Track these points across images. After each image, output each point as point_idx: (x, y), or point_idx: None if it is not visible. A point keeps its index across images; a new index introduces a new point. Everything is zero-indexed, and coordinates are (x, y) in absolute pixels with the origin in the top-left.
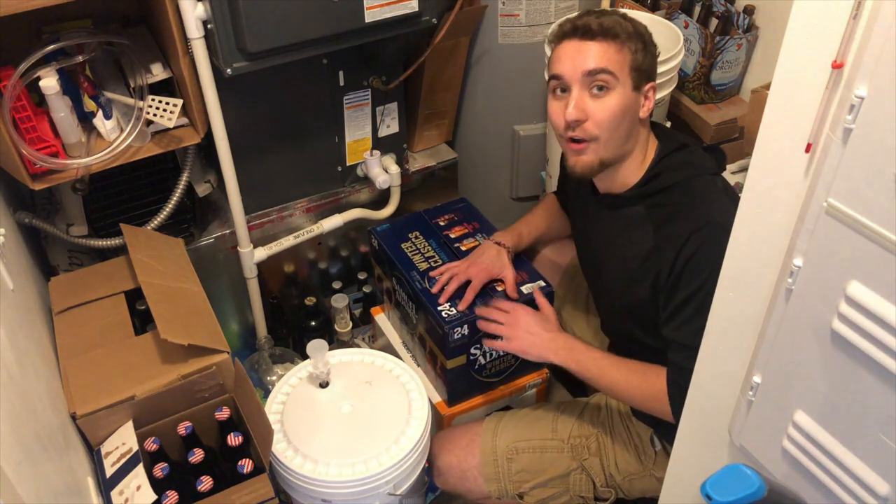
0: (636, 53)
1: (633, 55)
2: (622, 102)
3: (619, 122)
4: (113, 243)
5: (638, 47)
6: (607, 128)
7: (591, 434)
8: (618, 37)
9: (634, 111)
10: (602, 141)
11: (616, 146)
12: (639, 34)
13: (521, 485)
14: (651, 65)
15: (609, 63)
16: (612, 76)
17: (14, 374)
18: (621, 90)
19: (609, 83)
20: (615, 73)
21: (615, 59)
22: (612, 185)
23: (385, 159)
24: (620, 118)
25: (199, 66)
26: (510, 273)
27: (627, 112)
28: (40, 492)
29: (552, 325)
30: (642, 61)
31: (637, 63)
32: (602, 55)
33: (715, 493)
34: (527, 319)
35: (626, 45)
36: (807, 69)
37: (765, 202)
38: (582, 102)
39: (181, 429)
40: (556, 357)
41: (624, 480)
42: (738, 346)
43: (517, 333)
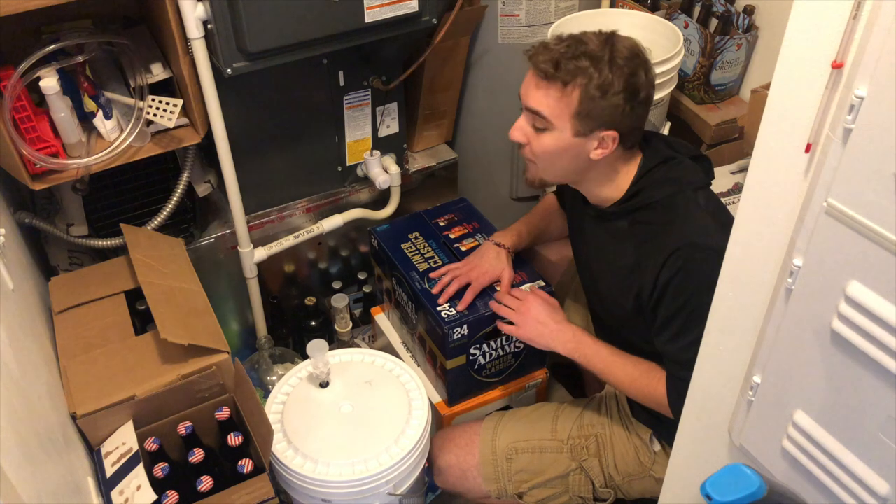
0: (587, 102)
1: (580, 103)
2: (556, 145)
3: (555, 160)
4: (113, 243)
5: (594, 94)
6: (542, 160)
7: (590, 435)
8: (567, 83)
9: (578, 154)
10: (540, 167)
11: (558, 176)
12: (602, 84)
13: (521, 485)
14: (614, 114)
15: (545, 108)
16: (545, 120)
17: (14, 374)
18: (557, 134)
19: (544, 125)
20: (549, 118)
21: (553, 105)
22: (595, 199)
23: (385, 159)
24: (555, 157)
25: (199, 66)
26: (507, 274)
27: (564, 154)
28: (40, 492)
29: (561, 317)
30: (593, 109)
31: (585, 111)
32: (541, 98)
33: (715, 493)
34: (537, 308)
35: (574, 92)
36: (807, 69)
37: (765, 202)
38: (524, 128)
39: (181, 429)
40: (563, 348)
41: (623, 481)
42: (738, 346)
43: (526, 321)
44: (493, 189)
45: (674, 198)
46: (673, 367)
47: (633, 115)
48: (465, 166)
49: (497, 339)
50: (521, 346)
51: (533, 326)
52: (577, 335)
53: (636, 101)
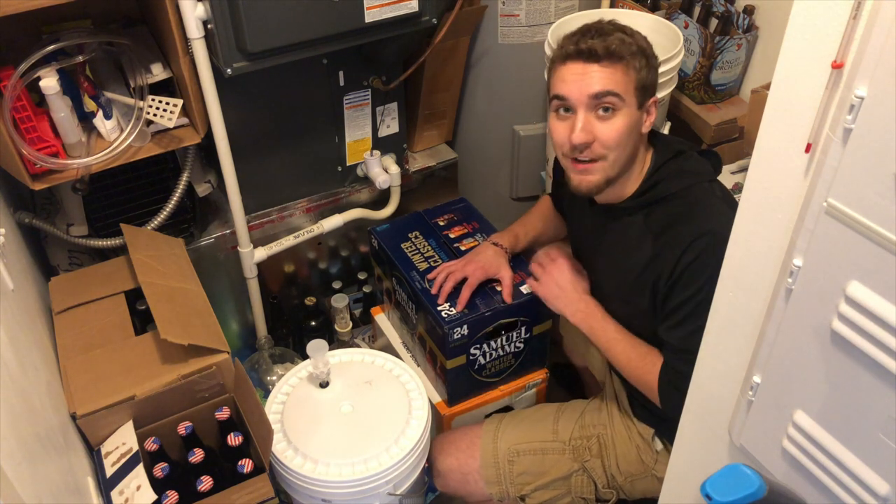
0: (640, 72)
1: (637, 74)
2: (629, 122)
3: (626, 141)
4: (113, 243)
5: (641, 65)
6: (615, 147)
7: (592, 435)
8: (623, 58)
9: (637, 130)
10: (610, 160)
11: (622, 164)
12: (641, 51)
13: (523, 487)
14: (653, 80)
15: (616, 86)
16: (618, 98)
17: (14, 374)
18: (627, 111)
19: (616, 105)
20: (622, 94)
21: (621, 81)
22: (609, 197)
23: (385, 159)
24: (627, 138)
25: (199, 66)
26: (507, 273)
27: (633, 130)
28: (40, 492)
29: (582, 288)
30: (646, 78)
31: (641, 82)
32: (609, 78)
33: (715, 493)
34: (562, 273)
35: (630, 66)
36: (807, 69)
37: (765, 202)
38: (589, 125)
39: (181, 429)
40: (573, 317)
41: (626, 481)
42: (738, 346)
43: (548, 281)
44: (493, 189)
45: (690, 189)
46: (671, 356)
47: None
48: (465, 166)
49: (497, 339)
50: (521, 346)
51: (551, 288)
52: (590, 307)
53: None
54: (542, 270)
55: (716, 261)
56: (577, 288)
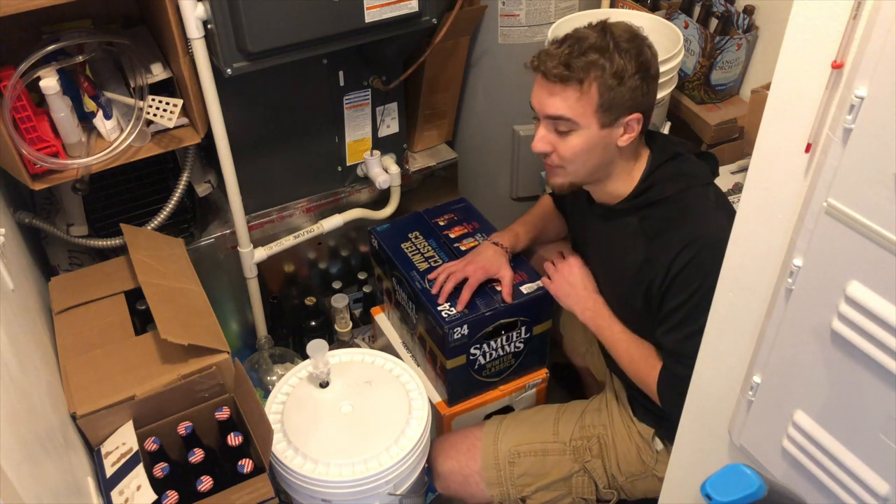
0: (607, 93)
1: (600, 96)
2: (585, 142)
3: (586, 158)
4: (113, 243)
5: (609, 84)
6: (571, 161)
7: (592, 436)
8: (582, 81)
9: (606, 145)
10: (570, 170)
11: (587, 173)
12: (617, 71)
13: (524, 488)
14: (635, 97)
15: (567, 111)
16: (570, 122)
17: (14, 374)
18: (584, 132)
19: (569, 127)
20: (574, 119)
21: (575, 106)
22: (604, 197)
23: (385, 159)
24: (586, 155)
25: (199, 66)
26: (508, 273)
27: (595, 148)
28: (40, 492)
29: (592, 287)
30: (615, 98)
31: (608, 102)
32: (561, 103)
33: (715, 493)
34: (573, 271)
35: (592, 87)
36: (807, 69)
37: (765, 202)
38: (547, 137)
39: (181, 429)
40: (582, 315)
41: (626, 481)
42: (738, 346)
43: (559, 279)
44: (493, 189)
45: (685, 192)
46: (669, 359)
47: (650, 94)
48: (465, 166)
49: (497, 338)
50: (521, 346)
51: (562, 286)
52: (598, 306)
53: (650, 77)
54: (553, 269)
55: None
56: (588, 286)
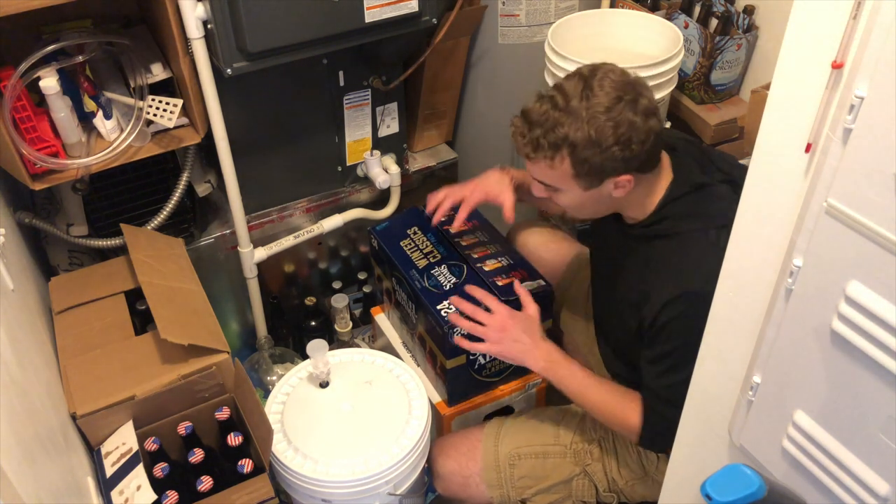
0: (581, 165)
1: (573, 168)
2: (573, 200)
3: (580, 210)
4: (113, 243)
5: (586, 155)
6: (569, 209)
7: (593, 439)
8: (553, 157)
9: (599, 199)
10: (571, 214)
11: (591, 215)
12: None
13: (524, 491)
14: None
15: (546, 178)
16: (552, 188)
17: (14, 374)
18: (569, 194)
19: (556, 188)
20: (554, 185)
21: (551, 175)
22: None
23: (385, 159)
24: (578, 209)
25: (199, 66)
26: (509, 196)
27: (586, 204)
28: (40, 492)
29: (536, 331)
30: (592, 168)
31: (584, 171)
32: (539, 171)
33: (715, 493)
34: (513, 324)
35: (564, 162)
36: (807, 69)
37: (765, 202)
38: (540, 188)
39: (181, 429)
40: (537, 366)
41: (626, 485)
42: (738, 346)
43: (502, 338)
44: None
45: (693, 235)
46: (654, 401)
47: (638, 156)
48: (465, 166)
49: None
50: None
51: (510, 345)
52: (553, 354)
53: (632, 145)
54: (488, 330)
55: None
56: (533, 334)
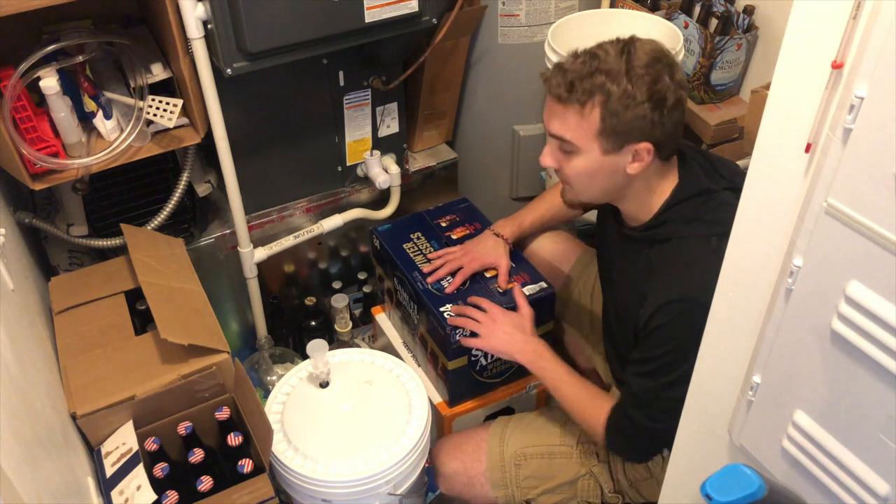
0: (610, 118)
1: (602, 121)
2: (588, 166)
3: (590, 182)
4: (113, 243)
5: (616, 109)
6: (576, 182)
7: None
8: (584, 104)
9: (612, 171)
10: (576, 189)
11: (595, 196)
12: (623, 97)
13: (529, 491)
14: (643, 126)
15: (567, 132)
16: (570, 145)
17: (14, 374)
18: (586, 156)
19: (571, 149)
20: (573, 142)
21: (575, 129)
22: (626, 216)
23: (385, 159)
24: (590, 179)
25: (199, 66)
26: (504, 262)
27: (598, 173)
28: (40, 492)
29: (527, 329)
30: (619, 125)
31: (610, 128)
32: (562, 123)
33: (715, 493)
34: (503, 320)
35: (594, 111)
36: (807, 69)
37: (765, 202)
38: (553, 154)
39: (181, 429)
40: (524, 358)
41: (631, 486)
42: (738, 346)
43: (493, 331)
44: (493, 189)
45: (695, 240)
46: (629, 401)
47: (664, 124)
48: (465, 166)
49: None
50: None
51: (500, 336)
52: (539, 349)
53: (664, 108)
54: (480, 325)
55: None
56: (524, 329)
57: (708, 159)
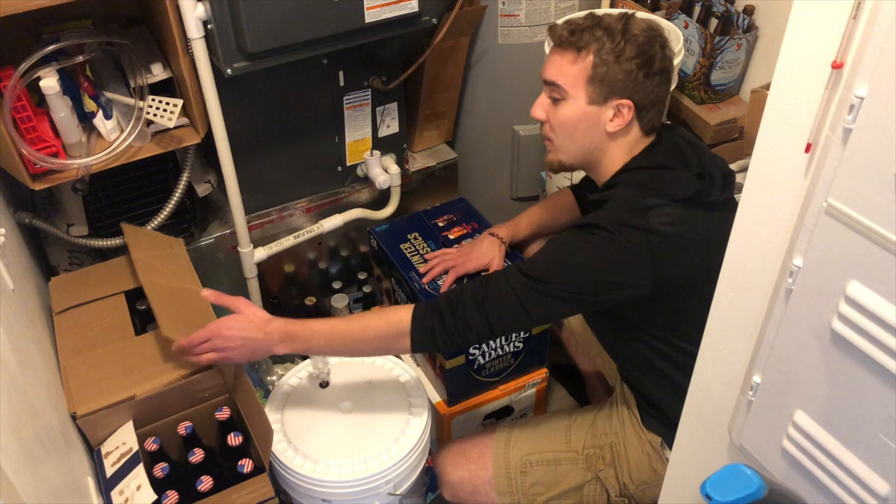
0: (601, 66)
1: (594, 68)
2: (572, 115)
3: (571, 133)
4: (113, 243)
5: (608, 59)
6: (559, 134)
7: (604, 444)
8: (580, 49)
9: (593, 124)
10: (556, 143)
11: (573, 153)
12: (616, 49)
13: (535, 498)
14: (627, 81)
15: (559, 76)
16: (560, 90)
17: (14, 374)
18: (572, 103)
19: (560, 95)
20: (563, 86)
21: (567, 71)
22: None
23: (385, 159)
24: (571, 129)
25: (199, 66)
26: (497, 263)
27: (580, 124)
28: (40, 492)
29: (259, 320)
30: (608, 74)
31: (599, 76)
32: (556, 68)
33: (715, 493)
34: (229, 326)
35: (588, 57)
36: (807, 69)
37: (765, 202)
38: (545, 105)
39: (181, 429)
40: (279, 349)
41: (637, 490)
42: (738, 346)
43: (230, 346)
44: (493, 189)
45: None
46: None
47: (647, 86)
48: (465, 166)
49: (496, 338)
50: (520, 346)
51: (241, 346)
52: (285, 325)
53: (650, 69)
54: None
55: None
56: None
57: (695, 148)
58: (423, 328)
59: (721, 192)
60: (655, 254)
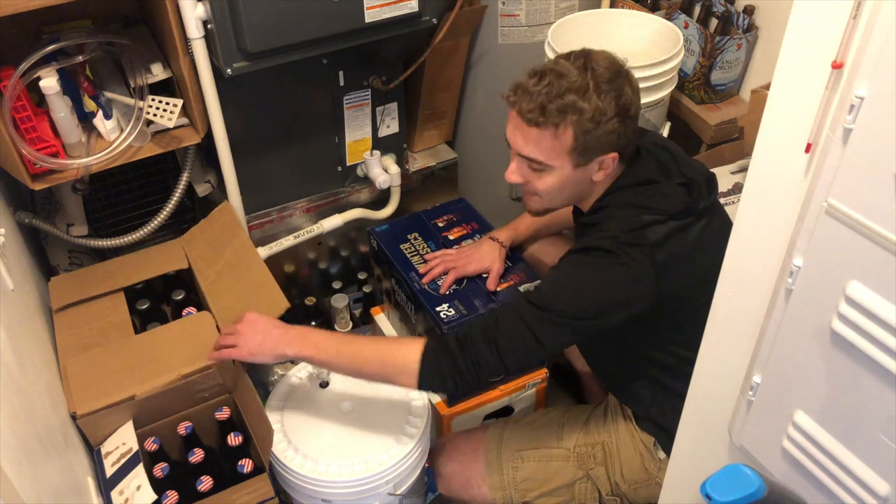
0: (582, 136)
1: (575, 139)
2: (559, 181)
3: (559, 193)
4: (113, 243)
5: (589, 127)
6: (546, 194)
7: (596, 443)
8: (558, 125)
9: (580, 181)
10: (545, 199)
11: (564, 203)
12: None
13: (527, 493)
14: (610, 139)
15: (541, 153)
16: (542, 164)
17: (14, 373)
18: (558, 172)
19: (541, 167)
20: (546, 162)
21: (548, 149)
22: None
23: (385, 159)
24: (558, 191)
25: (199, 66)
26: (497, 266)
27: (567, 185)
28: (40, 492)
29: (281, 323)
30: (590, 141)
31: (582, 145)
32: (536, 146)
33: (715, 493)
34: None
35: (567, 131)
36: (807, 69)
37: (765, 202)
38: (520, 170)
39: (181, 429)
40: (290, 348)
41: (629, 489)
42: (738, 346)
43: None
44: (493, 189)
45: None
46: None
47: (627, 131)
48: (465, 166)
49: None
50: None
51: (254, 337)
52: (302, 331)
53: (627, 115)
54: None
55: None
56: (276, 324)
57: (672, 155)
58: (431, 370)
59: (707, 197)
60: (659, 268)
